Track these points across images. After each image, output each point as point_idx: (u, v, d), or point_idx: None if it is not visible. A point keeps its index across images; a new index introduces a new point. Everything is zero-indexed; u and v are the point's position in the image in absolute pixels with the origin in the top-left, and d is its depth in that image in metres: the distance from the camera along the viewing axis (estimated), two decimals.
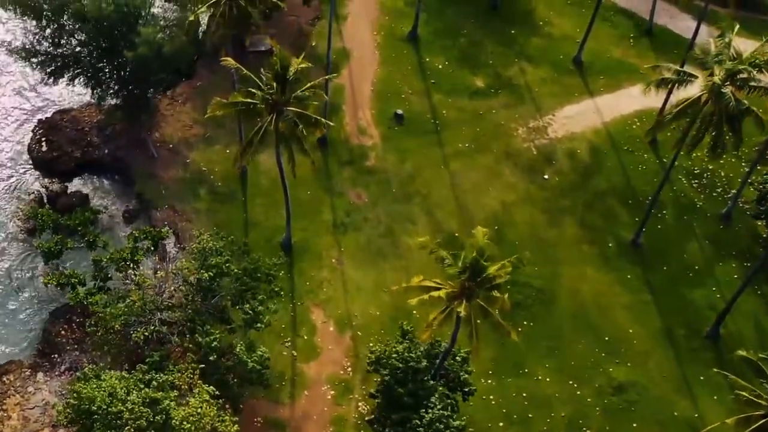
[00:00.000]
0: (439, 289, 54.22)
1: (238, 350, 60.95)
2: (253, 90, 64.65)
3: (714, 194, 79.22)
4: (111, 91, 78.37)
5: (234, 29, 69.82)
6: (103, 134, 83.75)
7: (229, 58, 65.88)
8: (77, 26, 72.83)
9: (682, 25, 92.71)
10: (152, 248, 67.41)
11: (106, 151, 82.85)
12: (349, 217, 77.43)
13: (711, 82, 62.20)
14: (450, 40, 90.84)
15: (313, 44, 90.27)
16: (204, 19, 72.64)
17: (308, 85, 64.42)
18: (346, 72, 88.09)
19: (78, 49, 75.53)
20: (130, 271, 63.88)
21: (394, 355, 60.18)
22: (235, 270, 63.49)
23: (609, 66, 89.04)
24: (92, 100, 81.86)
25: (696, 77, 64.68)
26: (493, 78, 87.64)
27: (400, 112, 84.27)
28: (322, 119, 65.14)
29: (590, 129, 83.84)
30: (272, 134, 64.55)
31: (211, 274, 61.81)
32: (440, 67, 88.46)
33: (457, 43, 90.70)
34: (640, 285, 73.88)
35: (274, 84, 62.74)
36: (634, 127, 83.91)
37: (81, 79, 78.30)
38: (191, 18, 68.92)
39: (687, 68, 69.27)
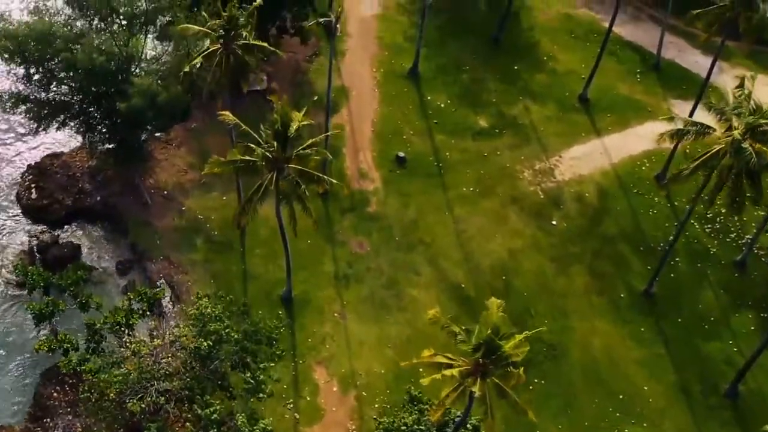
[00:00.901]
0: (451, 366, 51.45)
1: (239, 422, 58.17)
2: (252, 146, 61.92)
3: (727, 240, 76.74)
4: (102, 136, 75.43)
5: (231, 79, 66.87)
6: (95, 180, 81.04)
7: (227, 113, 63.13)
8: (68, 74, 69.56)
9: (690, 59, 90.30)
10: (148, 311, 64.49)
11: (99, 198, 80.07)
12: (351, 267, 74.73)
13: (730, 138, 59.48)
14: (451, 77, 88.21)
15: (312, 82, 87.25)
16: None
17: (309, 142, 61.70)
18: (345, 111, 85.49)
19: (68, 95, 72.42)
20: (125, 338, 60.93)
21: (403, 428, 57.45)
22: (236, 336, 60.71)
23: (616, 103, 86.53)
24: (84, 144, 78.87)
25: (713, 130, 61.98)
26: (497, 117, 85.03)
27: (401, 154, 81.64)
28: (325, 177, 62.39)
29: (598, 171, 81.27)
30: (272, 191, 61.70)
31: (210, 342, 59.02)
32: (442, 105, 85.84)
33: (459, 79, 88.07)
34: (654, 337, 71.35)
35: (275, 143, 59.87)
36: (643, 168, 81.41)
37: (71, 125, 75.28)
38: (186, 69, 65.94)
39: (700, 112, 66.44)
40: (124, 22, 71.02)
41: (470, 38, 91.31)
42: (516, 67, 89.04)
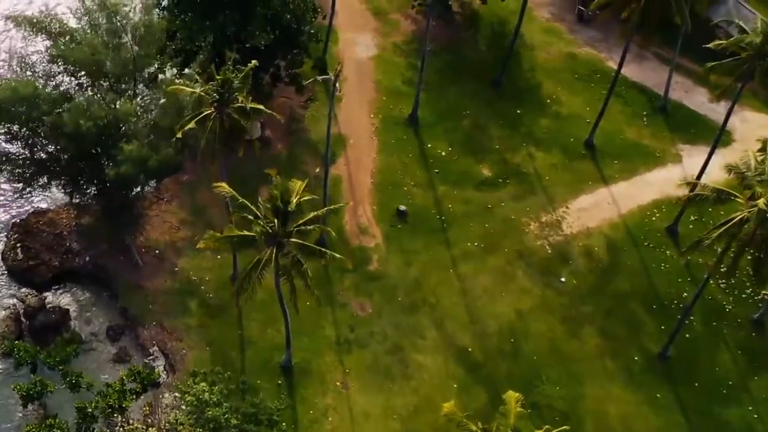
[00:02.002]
0: None
1: None
2: (250, 217, 58.80)
3: (743, 296, 73.93)
4: (90, 195, 72.10)
5: (226, 145, 63.63)
6: (83, 239, 77.37)
7: (223, 185, 60.01)
8: (53, 137, 66.29)
9: (697, 99, 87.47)
10: (141, 392, 61.20)
11: (87, 258, 76.65)
12: (353, 331, 71.64)
13: (755, 208, 56.47)
14: (452, 123, 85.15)
15: (308, 129, 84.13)
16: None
17: (311, 215, 58.48)
18: (342, 161, 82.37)
19: (53, 155, 69.12)
20: (118, 427, 57.66)
21: None
22: (235, 421, 57.48)
23: (623, 149, 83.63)
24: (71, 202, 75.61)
25: (735, 197, 58.98)
26: (500, 165, 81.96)
27: (403, 208, 78.53)
28: (328, 251, 59.15)
29: (607, 222, 78.31)
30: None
31: (208, 430, 55.78)
32: (443, 154, 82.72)
33: (460, 125, 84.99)
34: (671, 404, 68.52)
35: (275, 220, 56.70)
36: (653, 219, 78.49)
37: (57, 183, 72.00)
38: (178, 135, 62.65)
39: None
40: (112, 80, 67.31)
41: (470, 81, 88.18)
42: (518, 111, 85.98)
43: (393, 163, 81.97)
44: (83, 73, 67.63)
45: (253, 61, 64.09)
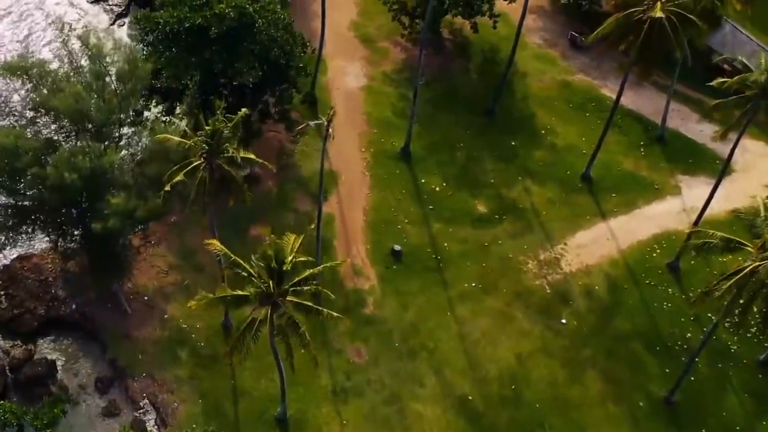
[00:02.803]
0: None
1: None
2: (243, 273, 56.67)
3: (748, 335, 72.19)
4: (75, 242, 69.79)
5: (216, 195, 61.47)
6: (69, 286, 75.01)
7: (214, 242, 57.86)
8: (37, 190, 64.04)
9: (695, 128, 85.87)
10: None
11: (74, 306, 74.39)
12: (349, 379, 69.67)
13: (767, 261, 54.70)
14: (446, 155, 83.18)
15: (298, 165, 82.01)
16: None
17: (307, 273, 56.29)
18: (334, 198, 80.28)
19: (37, 205, 66.82)
20: None
21: None
22: None
23: (620, 181, 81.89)
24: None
25: (746, 246, 57.19)
26: (496, 201, 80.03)
27: (398, 248, 76.49)
28: (325, 310, 57.01)
29: (606, 259, 76.52)
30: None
31: None
32: (437, 189, 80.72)
33: (454, 158, 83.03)
34: None
35: (270, 281, 54.61)
36: (653, 255, 76.72)
37: (41, 231, 69.72)
38: (167, 188, 60.40)
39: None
40: (96, 128, 65.07)
41: (463, 111, 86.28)
42: (513, 143, 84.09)
43: (386, 200, 79.95)
44: (67, 121, 64.92)
45: (243, 110, 62.08)
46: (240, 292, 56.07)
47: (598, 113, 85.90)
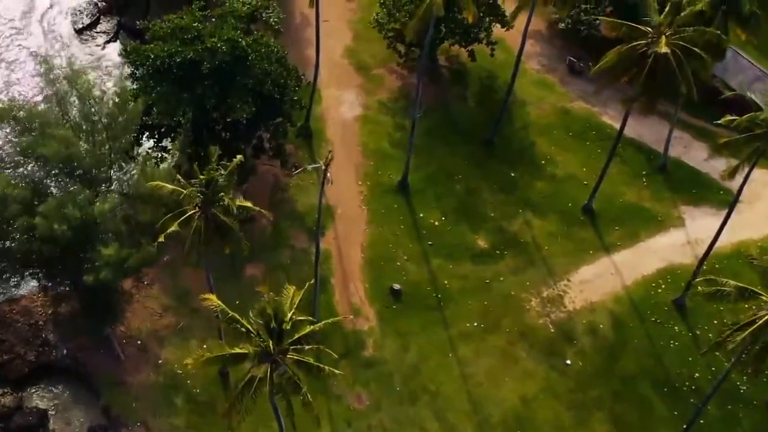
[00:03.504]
0: None
1: None
2: (241, 329, 54.74)
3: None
4: (66, 286, 67.90)
5: (212, 244, 59.55)
6: (60, 329, 72.97)
7: (211, 297, 55.84)
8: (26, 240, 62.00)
9: (698, 156, 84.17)
10: None
11: (65, 351, 72.46)
12: (350, 426, 68.22)
13: None
14: (444, 188, 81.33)
15: (293, 200, 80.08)
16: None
17: (308, 330, 54.37)
18: (331, 234, 78.40)
19: (26, 252, 64.81)
20: None
21: None
22: None
23: (623, 213, 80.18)
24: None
25: (761, 295, 55.49)
26: (497, 235, 78.24)
27: (397, 287, 74.69)
28: (326, 368, 55.07)
29: (610, 296, 74.83)
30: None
31: None
32: (436, 223, 78.93)
33: (453, 190, 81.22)
34: None
35: (269, 341, 52.70)
36: (659, 291, 75.09)
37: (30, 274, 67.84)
38: (161, 239, 58.43)
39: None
40: (86, 175, 63.11)
41: (461, 141, 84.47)
42: (513, 174, 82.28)
43: (384, 235, 78.10)
44: (56, 167, 62.98)
45: (239, 156, 60.16)
46: (238, 350, 54.10)
47: (599, 141, 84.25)
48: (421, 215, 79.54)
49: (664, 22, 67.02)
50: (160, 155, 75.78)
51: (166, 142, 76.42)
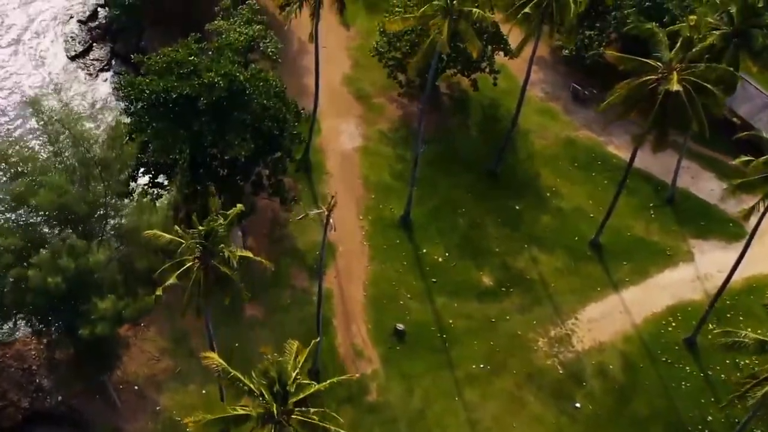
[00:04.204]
0: None
1: None
2: (244, 387, 52.83)
3: None
4: (60, 333, 65.92)
5: (211, 297, 57.61)
6: (55, 375, 70.82)
7: (212, 356, 53.81)
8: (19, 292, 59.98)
9: (705, 186, 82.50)
10: None
11: (60, 398, 70.45)
12: None
13: None
14: (447, 222, 79.44)
15: (293, 236, 78.10)
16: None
17: (314, 389, 52.42)
18: (332, 271, 76.41)
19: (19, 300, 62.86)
20: None
21: None
22: None
23: (631, 247, 78.39)
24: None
25: None
26: (502, 271, 76.38)
27: (400, 327, 72.81)
28: (332, 427, 53.05)
29: (620, 335, 73.07)
30: None
31: None
32: (440, 259, 76.99)
33: (456, 225, 79.37)
34: None
35: (273, 403, 50.74)
36: (669, 329, 73.35)
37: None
38: (158, 292, 56.48)
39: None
40: (81, 224, 61.16)
41: (464, 173, 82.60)
42: (517, 207, 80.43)
43: (386, 273, 76.17)
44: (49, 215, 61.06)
45: (239, 206, 58.05)
46: (241, 411, 52.13)
47: (605, 173, 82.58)
48: (424, 251, 77.58)
49: (675, 58, 64.96)
50: (156, 191, 73.84)
51: (162, 178, 74.32)
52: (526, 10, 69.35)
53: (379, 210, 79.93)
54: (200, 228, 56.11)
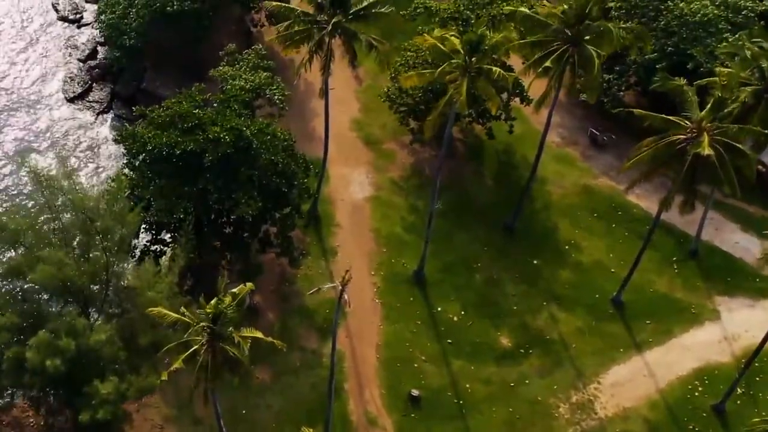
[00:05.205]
0: None
1: None
2: None
3: None
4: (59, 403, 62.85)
5: (219, 378, 54.58)
6: None
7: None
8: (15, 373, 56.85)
9: (729, 239, 79.51)
10: None
11: None
12: None
13: None
14: (463, 278, 76.35)
15: (301, 293, 74.98)
16: None
17: None
18: (343, 332, 73.20)
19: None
20: None
21: None
22: None
23: (654, 305, 75.28)
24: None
25: None
26: (521, 332, 73.29)
27: (415, 393, 69.78)
28: None
29: (644, 400, 70.06)
30: None
31: None
32: (455, 318, 73.91)
33: (472, 281, 76.21)
34: None
35: None
36: (696, 394, 70.31)
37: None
38: (164, 377, 53.55)
39: None
40: (81, 300, 58.08)
41: (479, 225, 79.54)
42: (535, 262, 77.29)
43: (400, 333, 73.08)
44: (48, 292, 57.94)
45: (249, 285, 54.87)
46: None
47: (626, 224, 79.57)
48: (439, 309, 74.50)
49: (706, 118, 61.77)
50: (159, 248, 70.90)
51: (165, 233, 71.41)
52: (547, 63, 65.90)
53: (391, 265, 76.77)
54: (208, 310, 52.94)
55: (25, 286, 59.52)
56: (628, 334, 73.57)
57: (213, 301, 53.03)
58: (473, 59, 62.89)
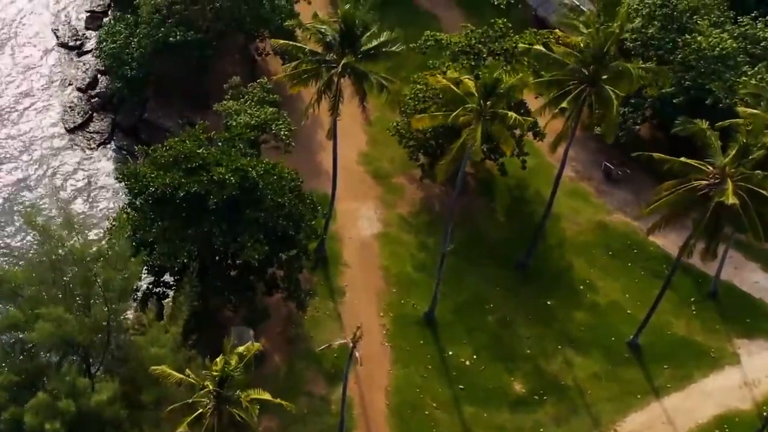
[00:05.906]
0: None
1: None
2: None
3: None
4: None
5: None
6: None
7: None
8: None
9: (749, 278, 77.38)
10: None
11: None
12: None
13: None
14: (475, 320, 74.26)
15: (308, 337, 72.80)
16: None
17: None
18: (351, 377, 70.26)
19: None
20: None
21: None
22: None
23: (672, 348, 73.21)
24: None
25: None
26: (535, 377, 71.13)
27: None
28: None
29: None
30: None
31: None
32: (467, 363, 71.81)
33: (484, 323, 74.11)
34: None
35: None
36: None
37: None
38: None
39: None
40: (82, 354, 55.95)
41: (491, 264, 77.36)
42: (549, 303, 75.18)
43: (410, 378, 70.95)
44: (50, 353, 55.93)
45: (257, 345, 52.67)
46: None
47: (642, 262, 77.44)
48: (450, 353, 72.40)
49: (730, 165, 59.56)
50: (162, 290, 68.88)
51: (168, 275, 69.43)
52: (563, 104, 63.65)
53: (400, 306, 74.66)
54: (214, 372, 50.76)
55: (24, 342, 56.95)
56: (646, 380, 71.51)
57: (219, 361, 50.84)
58: (488, 103, 60.61)
